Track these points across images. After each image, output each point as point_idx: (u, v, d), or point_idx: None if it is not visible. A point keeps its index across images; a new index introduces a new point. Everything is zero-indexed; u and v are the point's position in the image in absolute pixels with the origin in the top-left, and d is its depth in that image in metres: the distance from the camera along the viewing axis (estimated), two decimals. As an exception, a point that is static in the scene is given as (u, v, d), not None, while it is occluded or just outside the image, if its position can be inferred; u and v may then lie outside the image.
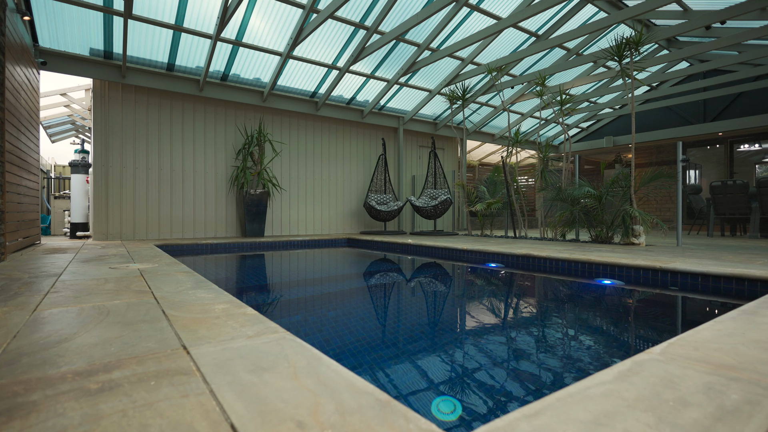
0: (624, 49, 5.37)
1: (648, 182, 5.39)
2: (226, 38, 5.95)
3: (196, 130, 6.91)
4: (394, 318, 2.63)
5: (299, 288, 3.59)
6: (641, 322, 2.49)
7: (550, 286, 3.65)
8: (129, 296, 1.93)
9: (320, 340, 2.03)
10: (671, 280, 3.16)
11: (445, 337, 2.18)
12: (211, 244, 5.94)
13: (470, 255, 4.95)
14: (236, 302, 1.79)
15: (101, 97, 6.08)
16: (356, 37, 6.58)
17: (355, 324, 2.34)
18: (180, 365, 1.04)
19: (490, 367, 1.68)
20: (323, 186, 8.42)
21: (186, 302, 1.80)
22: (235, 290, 3.32)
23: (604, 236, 5.67)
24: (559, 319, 2.57)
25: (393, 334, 2.23)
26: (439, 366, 1.73)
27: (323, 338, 2.06)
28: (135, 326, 1.40)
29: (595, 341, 2.04)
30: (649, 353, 1.14)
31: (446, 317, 2.69)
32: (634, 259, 3.50)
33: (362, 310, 2.79)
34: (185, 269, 2.86)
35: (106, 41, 5.65)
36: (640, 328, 2.33)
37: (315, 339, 2.05)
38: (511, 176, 7.15)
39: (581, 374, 1.53)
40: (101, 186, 6.12)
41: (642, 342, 2.01)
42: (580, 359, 1.73)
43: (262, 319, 1.50)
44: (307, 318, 2.53)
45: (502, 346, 1.97)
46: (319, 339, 2.05)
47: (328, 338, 2.07)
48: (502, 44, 7.68)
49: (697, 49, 6.70)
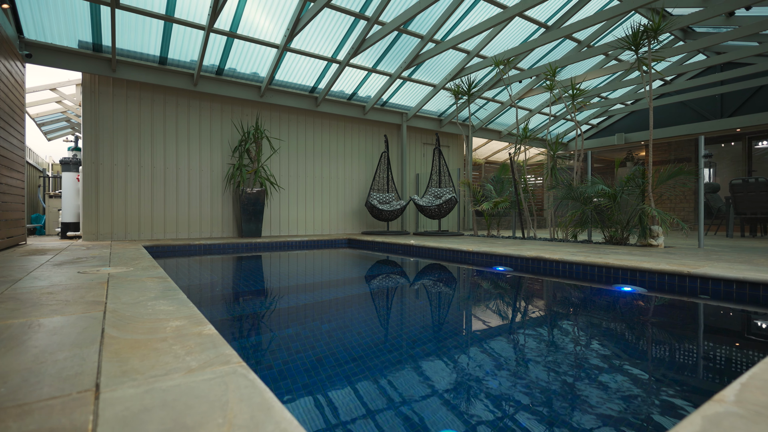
0: (641, 38, 5.03)
1: (667, 179, 5.05)
2: (219, 29, 5.68)
3: (191, 127, 6.65)
4: (396, 331, 2.33)
5: (291, 295, 3.31)
6: (683, 343, 2.16)
7: (566, 295, 3.33)
8: (76, 309, 1.65)
9: (312, 358, 1.75)
10: (701, 287, 2.84)
11: (458, 361, 1.88)
12: (204, 245, 5.68)
13: (477, 257, 4.64)
14: (197, 317, 1.51)
15: (91, 91, 5.84)
16: (356, 29, 6.29)
17: (351, 340, 2.05)
18: (73, 421, 0.75)
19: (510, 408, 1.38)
20: (323, 184, 8.14)
21: (138, 317, 1.51)
22: (217, 298, 3.04)
23: (618, 237, 5.33)
24: (582, 339, 2.26)
25: (396, 350, 1.93)
26: (449, 404, 1.43)
27: (315, 356, 1.78)
28: (53, 354, 1.12)
29: (635, 376, 1.72)
30: (721, 402, 0.83)
31: (454, 332, 2.38)
32: (657, 263, 3.18)
33: (359, 322, 2.50)
34: (160, 274, 2.59)
35: (95, 33, 5.41)
36: (684, 352, 1.99)
37: (307, 357, 1.77)
38: (519, 174, 6.82)
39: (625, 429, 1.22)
40: (91, 184, 5.88)
41: (695, 375, 1.67)
42: (621, 404, 1.43)
43: (218, 343, 1.21)
44: (299, 332, 2.25)
45: (518, 379, 1.67)
46: (311, 357, 1.77)
47: (320, 356, 1.78)
48: (510, 36, 7.34)
49: (716, 39, 6.33)
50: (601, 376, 1.55)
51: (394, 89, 8.08)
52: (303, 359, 1.73)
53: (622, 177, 5.48)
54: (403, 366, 1.70)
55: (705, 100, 9.78)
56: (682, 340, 2.13)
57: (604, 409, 1.25)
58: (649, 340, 2.12)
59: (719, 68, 9.33)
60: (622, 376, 1.57)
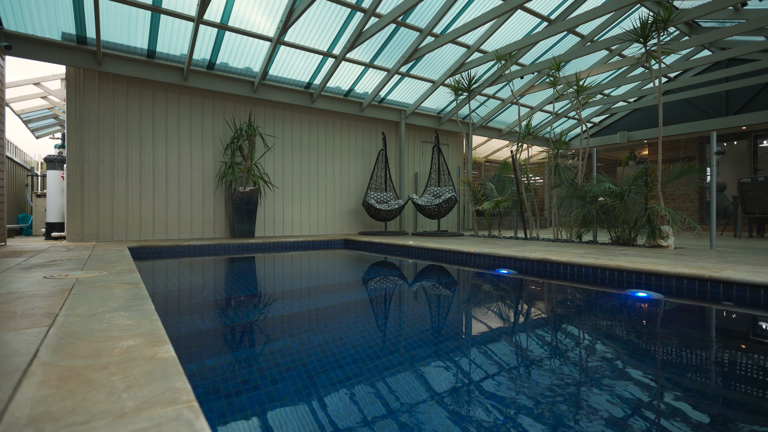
0: (650, 29, 4.81)
1: (677, 177, 4.83)
2: (209, 21, 5.44)
3: (181, 123, 6.41)
4: (392, 342, 2.10)
5: (280, 302, 3.07)
6: (726, 362, 1.94)
7: (578, 301, 3.11)
8: (19, 323, 1.42)
9: (303, 375, 1.53)
10: (724, 292, 2.61)
11: (467, 385, 1.65)
12: (194, 246, 5.45)
13: (478, 259, 4.41)
14: (156, 335, 1.28)
15: (75, 85, 5.60)
16: (353, 21, 6.05)
17: (346, 354, 1.82)
18: None
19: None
20: (319, 183, 7.90)
21: (86, 335, 1.28)
22: (195, 306, 2.81)
23: (626, 238, 5.11)
24: (608, 359, 2.03)
25: (394, 367, 1.70)
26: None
27: (306, 374, 1.55)
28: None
29: (679, 410, 1.49)
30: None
31: (460, 347, 2.15)
32: (674, 266, 2.96)
33: (354, 333, 2.27)
34: (133, 279, 2.35)
35: (78, 24, 5.16)
36: (730, 377, 1.76)
37: (298, 374, 1.54)
38: (522, 172, 6.60)
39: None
40: (76, 183, 5.63)
41: (760, 409, 1.43)
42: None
43: (170, 372, 0.98)
44: (289, 346, 2.02)
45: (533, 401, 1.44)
46: (302, 374, 1.54)
47: (312, 374, 1.55)
48: (511, 30, 7.12)
49: (722, 33, 6.12)
50: (642, 413, 1.32)
51: (392, 85, 7.85)
52: (294, 376, 1.50)
53: (629, 176, 5.25)
54: (402, 384, 1.46)
55: (710, 97, 9.58)
56: (731, 359, 1.90)
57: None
58: (695, 364, 1.89)
59: (725, 64, 9.13)
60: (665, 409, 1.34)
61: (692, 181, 5.10)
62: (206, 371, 1.61)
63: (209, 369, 1.65)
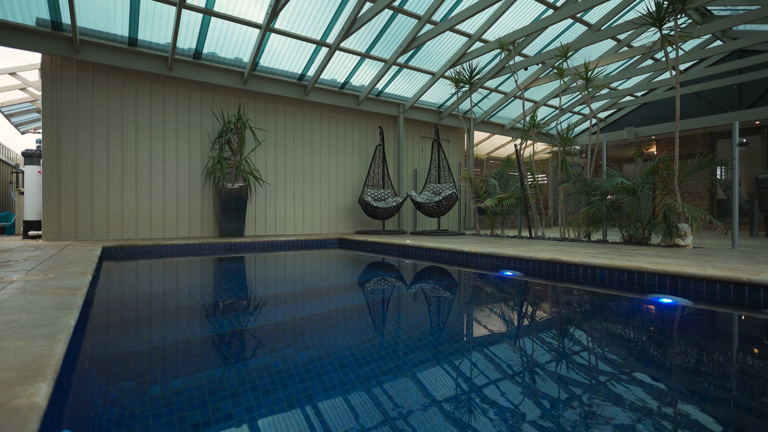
0: (666, 11, 4.45)
1: (694, 171, 4.46)
2: (192, 5, 5.10)
3: (166, 115, 6.07)
4: (385, 360, 1.75)
5: (263, 309, 2.73)
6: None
7: (593, 307, 2.75)
8: None
9: (282, 400, 1.18)
10: (765, 298, 2.26)
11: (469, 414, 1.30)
12: (177, 246, 5.11)
13: (481, 260, 4.06)
14: (38, 365, 0.93)
15: (52, 74, 5.27)
16: (347, 6, 5.70)
17: (332, 378, 1.48)
18: None
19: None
20: (313, 180, 7.56)
21: (-56, 366, 0.94)
22: (155, 315, 2.46)
23: (639, 236, 4.75)
24: (643, 380, 1.68)
25: (387, 392, 1.36)
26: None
27: (287, 399, 1.20)
28: None
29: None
30: None
31: (466, 368, 1.80)
32: (703, 268, 2.60)
33: (341, 348, 1.92)
34: (76, 284, 2.01)
35: (52, 8, 4.82)
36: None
37: (277, 399, 1.19)
38: (526, 168, 6.24)
39: None
40: (52, 179, 5.30)
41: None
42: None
43: None
44: (269, 364, 1.67)
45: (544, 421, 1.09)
46: (281, 398, 1.19)
47: (293, 400, 1.21)
48: (514, 19, 6.76)
49: (736, 20, 5.74)
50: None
51: (389, 77, 7.50)
52: (272, 402, 1.16)
53: (642, 171, 4.89)
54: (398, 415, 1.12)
55: (721, 90, 9.21)
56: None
57: None
58: (740, 383, 1.54)
59: (737, 56, 8.75)
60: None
61: (711, 175, 4.73)
62: (147, 402, 1.26)
63: (151, 400, 1.30)
